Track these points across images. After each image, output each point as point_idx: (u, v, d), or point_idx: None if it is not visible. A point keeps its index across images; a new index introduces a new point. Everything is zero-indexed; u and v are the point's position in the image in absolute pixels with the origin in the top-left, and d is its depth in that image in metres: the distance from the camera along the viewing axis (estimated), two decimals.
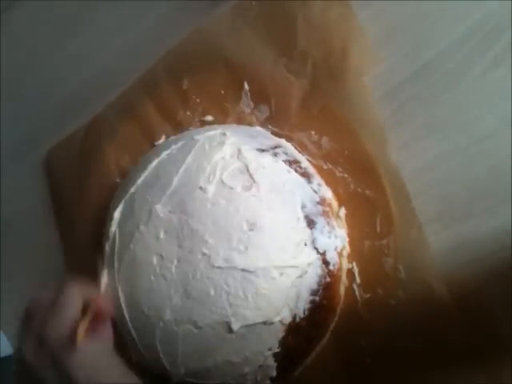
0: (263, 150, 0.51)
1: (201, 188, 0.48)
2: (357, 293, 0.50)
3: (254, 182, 0.48)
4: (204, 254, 0.47)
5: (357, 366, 0.49)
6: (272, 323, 0.46)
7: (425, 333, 0.46)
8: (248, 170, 0.48)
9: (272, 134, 0.54)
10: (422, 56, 0.49)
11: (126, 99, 0.62)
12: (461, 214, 0.47)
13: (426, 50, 0.49)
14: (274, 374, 0.49)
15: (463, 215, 0.47)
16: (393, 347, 0.48)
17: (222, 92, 0.57)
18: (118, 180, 0.63)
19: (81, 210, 0.64)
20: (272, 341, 0.47)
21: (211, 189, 0.48)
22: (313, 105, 0.53)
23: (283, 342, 0.48)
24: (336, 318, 0.50)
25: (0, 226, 0.70)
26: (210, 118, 0.58)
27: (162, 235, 0.49)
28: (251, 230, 0.46)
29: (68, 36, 0.69)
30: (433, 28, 0.49)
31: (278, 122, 0.55)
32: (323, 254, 0.48)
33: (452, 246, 0.47)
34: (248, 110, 0.56)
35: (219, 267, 0.46)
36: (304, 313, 0.48)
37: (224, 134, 0.52)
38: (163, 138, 0.61)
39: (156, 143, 0.61)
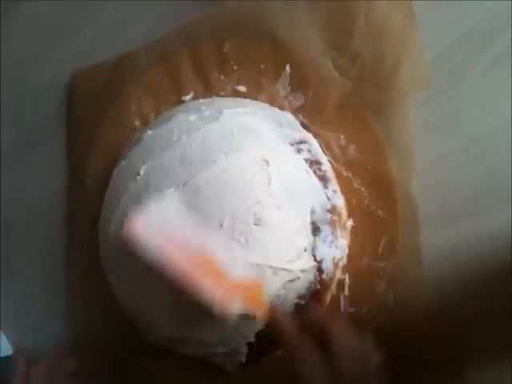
0: (288, 144, 0.50)
1: (218, 168, 0.47)
2: (342, 303, 0.50)
3: (271, 176, 0.47)
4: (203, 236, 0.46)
5: None
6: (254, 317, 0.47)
7: (393, 360, 0.47)
8: (268, 164, 0.47)
9: (301, 124, 0.53)
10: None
11: (162, 45, 0.60)
12: (461, 213, 0.48)
13: (426, 50, 0.49)
14: (244, 359, 0.51)
15: (463, 215, 0.47)
16: None
17: (262, 66, 0.55)
18: (136, 123, 0.61)
19: (93, 144, 0.63)
20: (249, 331, 0.49)
21: (229, 173, 0.47)
22: (349, 108, 0.51)
23: (259, 335, 0.49)
24: None
25: (0, 225, 0.69)
26: (243, 88, 0.56)
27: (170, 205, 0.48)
28: (256, 224, 0.46)
29: (68, 36, 0.68)
30: (433, 28, 0.49)
31: (309, 115, 0.53)
32: (320, 262, 0.48)
33: (452, 245, 0.47)
34: (283, 93, 0.54)
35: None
36: None
37: (254, 116, 0.50)
38: (191, 94, 0.58)
39: (183, 98, 0.59)
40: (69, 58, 0.67)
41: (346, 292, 0.50)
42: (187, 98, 0.59)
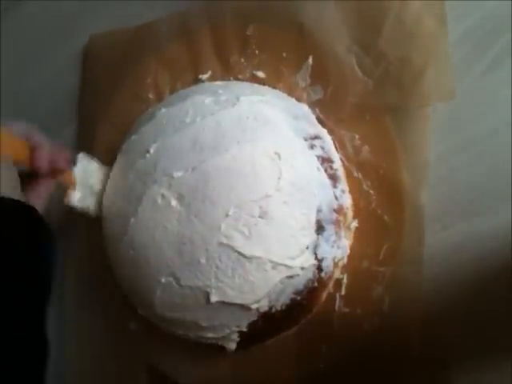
0: (302, 138, 0.49)
1: (229, 157, 0.47)
2: (337, 303, 0.50)
3: (281, 171, 0.46)
4: (207, 223, 0.46)
5: (310, 366, 0.51)
6: (249, 308, 0.47)
7: (383, 366, 0.48)
8: (280, 158, 0.47)
9: (316, 119, 0.52)
10: None
11: (185, 19, 0.58)
12: (461, 213, 0.48)
13: None
14: (234, 347, 0.51)
15: (463, 215, 0.48)
16: (350, 364, 0.49)
17: (284, 55, 0.54)
18: (150, 96, 0.60)
19: (106, 112, 0.62)
20: (242, 321, 0.49)
21: (240, 163, 0.46)
22: (368, 109, 0.50)
23: (252, 325, 0.49)
24: (309, 317, 0.51)
25: None
26: (262, 74, 0.55)
27: (174, 187, 0.48)
28: (261, 217, 0.46)
29: (68, 36, 0.67)
30: None
31: (326, 110, 0.52)
32: (320, 261, 0.48)
33: (452, 245, 0.48)
34: (302, 85, 0.53)
35: (218, 242, 0.46)
36: (281, 307, 0.49)
37: (270, 106, 0.49)
38: (209, 73, 0.58)
39: (200, 76, 0.58)
40: (69, 58, 0.66)
41: (343, 292, 0.50)
42: (204, 76, 0.58)
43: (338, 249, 0.49)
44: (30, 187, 0.50)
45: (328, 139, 0.51)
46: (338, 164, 0.50)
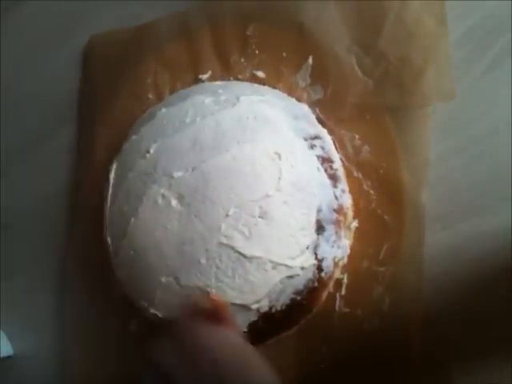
0: (302, 138, 0.49)
1: (230, 157, 0.47)
2: (337, 303, 0.50)
3: (281, 171, 0.46)
4: (207, 223, 0.46)
5: (310, 366, 0.51)
6: (249, 309, 0.47)
7: (383, 366, 0.48)
8: (280, 158, 0.47)
9: (316, 119, 0.52)
10: None
11: (184, 19, 0.58)
12: (461, 213, 0.48)
13: None
14: None
15: (463, 215, 0.48)
16: (350, 364, 0.49)
17: (284, 55, 0.54)
18: (150, 96, 0.60)
19: (106, 112, 0.62)
20: (243, 321, 0.49)
21: (240, 163, 0.46)
22: (368, 109, 0.50)
23: (252, 325, 0.49)
24: (309, 317, 0.51)
25: (0, 225, 0.68)
26: (261, 74, 0.55)
27: (174, 187, 0.48)
28: (261, 217, 0.46)
29: (68, 36, 0.66)
30: None
31: (326, 110, 0.52)
32: (320, 261, 0.48)
33: (452, 245, 0.48)
34: (302, 85, 0.53)
35: (218, 242, 0.46)
36: (281, 307, 0.49)
37: (270, 106, 0.49)
38: (209, 73, 0.58)
39: (200, 76, 0.58)
40: (69, 58, 0.66)
41: (343, 292, 0.50)
42: (204, 76, 0.58)
43: (338, 249, 0.49)
44: None
45: (328, 139, 0.51)
46: (338, 164, 0.50)
